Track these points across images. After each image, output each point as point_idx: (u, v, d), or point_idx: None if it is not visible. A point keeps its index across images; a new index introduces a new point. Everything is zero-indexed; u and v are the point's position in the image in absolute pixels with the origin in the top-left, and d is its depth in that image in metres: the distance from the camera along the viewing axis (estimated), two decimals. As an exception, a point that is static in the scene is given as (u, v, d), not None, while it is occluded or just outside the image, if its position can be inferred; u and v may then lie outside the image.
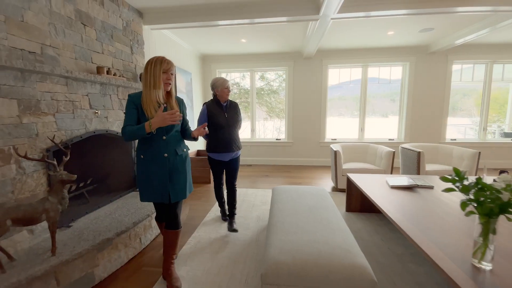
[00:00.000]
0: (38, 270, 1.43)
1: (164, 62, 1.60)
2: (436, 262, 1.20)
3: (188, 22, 3.18)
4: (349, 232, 1.63)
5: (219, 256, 2.06)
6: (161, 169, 1.66)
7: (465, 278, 1.09)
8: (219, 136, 2.36)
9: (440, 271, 1.16)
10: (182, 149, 1.77)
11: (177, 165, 1.72)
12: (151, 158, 1.65)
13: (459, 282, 1.06)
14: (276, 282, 1.28)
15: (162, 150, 1.66)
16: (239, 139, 2.50)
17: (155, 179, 1.66)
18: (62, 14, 2.02)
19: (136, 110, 1.61)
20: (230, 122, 2.40)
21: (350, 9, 2.87)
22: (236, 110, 2.48)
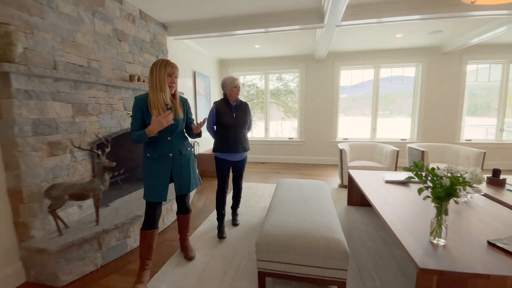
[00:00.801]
0: (87, 234, 1.87)
1: (169, 66, 1.67)
2: (398, 238, 1.45)
3: (208, 33, 3.56)
4: (335, 215, 1.90)
5: (228, 235, 2.41)
6: (164, 169, 1.75)
7: (418, 250, 1.33)
8: (226, 135, 2.35)
9: (400, 245, 1.41)
10: (186, 148, 1.88)
11: (182, 164, 1.83)
12: (157, 157, 1.74)
13: (411, 253, 1.31)
14: (267, 249, 1.60)
15: (167, 150, 1.75)
16: (247, 140, 2.47)
17: (156, 178, 1.74)
18: (103, 33, 2.48)
19: (141, 112, 1.68)
20: (238, 122, 2.35)
21: (352, 17, 3.10)
22: (245, 110, 2.43)
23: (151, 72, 1.66)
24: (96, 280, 1.83)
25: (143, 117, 1.69)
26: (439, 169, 1.32)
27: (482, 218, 1.70)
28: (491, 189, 2.38)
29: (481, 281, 1.15)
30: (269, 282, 1.75)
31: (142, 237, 1.79)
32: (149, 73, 1.69)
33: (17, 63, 1.66)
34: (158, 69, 1.65)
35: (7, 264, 1.74)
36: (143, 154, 1.77)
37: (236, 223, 2.66)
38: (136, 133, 1.63)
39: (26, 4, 1.82)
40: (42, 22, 1.92)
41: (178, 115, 1.78)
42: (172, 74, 1.69)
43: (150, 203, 1.77)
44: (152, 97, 1.66)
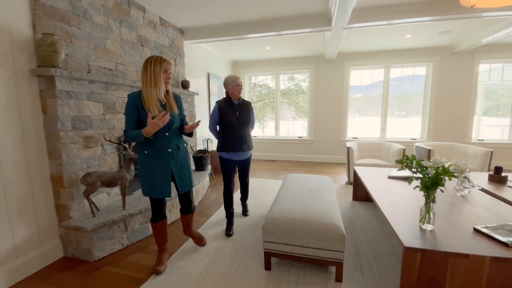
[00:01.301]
0: (115, 217, 2.14)
1: (164, 62, 1.65)
2: (389, 221, 1.61)
3: (222, 36, 3.80)
4: (336, 205, 2.07)
5: (238, 224, 2.63)
6: (164, 165, 1.76)
7: (406, 232, 1.49)
8: (229, 135, 2.34)
9: (389, 227, 1.57)
10: (183, 144, 1.89)
11: (181, 160, 1.84)
12: (156, 154, 1.74)
13: (399, 234, 1.47)
14: (272, 231, 1.80)
15: (165, 145, 1.75)
16: (250, 139, 2.47)
17: (157, 174, 1.75)
18: (128, 40, 2.76)
19: (136, 110, 1.67)
20: (241, 121, 2.36)
21: (359, 20, 3.23)
22: (248, 109, 2.44)
23: (145, 69, 1.63)
24: (123, 257, 2.09)
25: (138, 114, 1.68)
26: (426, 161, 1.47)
27: (475, 210, 1.82)
28: (491, 185, 2.46)
29: (461, 260, 1.30)
30: (274, 263, 1.95)
31: (153, 229, 1.89)
32: (142, 70, 1.66)
33: (60, 68, 1.95)
34: (153, 66, 1.62)
35: (48, 241, 2.04)
36: (138, 151, 1.77)
37: (246, 214, 2.83)
38: (132, 133, 1.62)
39: (66, 16, 2.11)
40: (79, 32, 2.21)
41: (174, 110, 1.79)
42: (168, 70, 1.69)
43: (155, 199, 1.81)
44: (146, 94, 1.64)
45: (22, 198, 1.86)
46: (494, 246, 1.34)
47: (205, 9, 3.12)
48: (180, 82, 3.68)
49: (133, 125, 1.69)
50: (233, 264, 1.95)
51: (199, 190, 3.38)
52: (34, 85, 1.91)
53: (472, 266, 1.29)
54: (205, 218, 2.81)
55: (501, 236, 1.40)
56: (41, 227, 1.98)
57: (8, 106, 1.76)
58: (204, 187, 3.60)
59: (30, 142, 1.90)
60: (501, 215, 1.72)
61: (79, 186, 2.12)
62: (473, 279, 1.30)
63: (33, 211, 1.93)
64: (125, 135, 1.68)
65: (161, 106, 1.73)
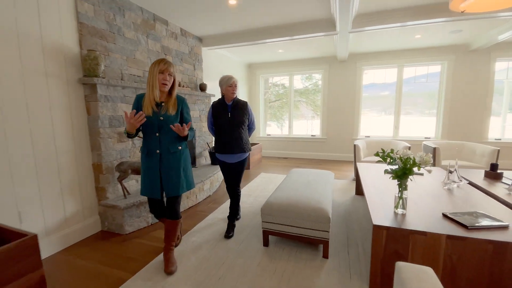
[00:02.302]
0: (142, 199, 2.58)
1: (161, 63, 1.69)
2: (368, 206, 1.86)
3: (237, 43, 4.16)
4: (328, 193, 2.34)
5: (244, 214, 2.97)
6: (153, 165, 1.78)
7: (380, 215, 1.74)
8: (221, 136, 2.33)
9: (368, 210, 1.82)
10: (176, 147, 1.83)
11: (170, 163, 1.80)
12: (147, 154, 1.80)
13: (372, 215, 1.72)
14: (269, 213, 2.12)
15: (154, 147, 1.77)
16: (245, 141, 2.37)
17: (147, 174, 1.79)
18: (154, 50, 3.21)
19: (137, 109, 1.75)
20: (233, 122, 2.28)
21: (362, 25, 3.43)
22: (242, 110, 2.33)
23: (149, 71, 1.71)
24: (148, 232, 2.53)
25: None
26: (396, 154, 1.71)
27: (454, 200, 2.00)
28: (486, 181, 2.58)
29: (420, 237, 1.53)
30: (272, 242, 2.27)
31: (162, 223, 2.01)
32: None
33: (101, 77, 2.41)
34: (152, 67, 1.69)
35: (90, 217, 2.52)
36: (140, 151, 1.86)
37: (229, 235, 2.35)
38: (124, 130, 1.71)
39: (105, 34, 2.58)
40: (114, 46, 2.68)
41: (169, 111, 1.77)
42: (165, 71, 1.70)
43: (149, 198, 1.86)
44: (146, 94, 1.73)
45: (72, 181, 2.35)
46: (454, 227, 1.56)
47: (221, 19, 3.50)
48: (198, 85, 4.10)
49: None
50: (236, 241, 2.30)
51: (214, 182, 3.78)
52: (80, 91, 2.40)
53: (430, 243, 1.52)
54: (217, 205, 3.20)
55: (464, 220, 1.61)
56: (85, 205, 2.47)
57: (63, 108, 2.25)
58: (218, 179, 3.99)
59: (77, 137, 2.39)
60: (476, 205, 1.89)
61: (114, 172, 2.59)
62: (431, 254, 1.53)
63: (79, 191, 2.42)
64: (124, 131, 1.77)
65: (159, 106, 1.77)
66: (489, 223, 1.56)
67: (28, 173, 2.02)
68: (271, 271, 1.87)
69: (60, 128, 2.24)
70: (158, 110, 1.75)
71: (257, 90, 6.70)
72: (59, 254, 2.16)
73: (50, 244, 2.17)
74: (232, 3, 2.94)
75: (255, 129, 2.74)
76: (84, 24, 2.37)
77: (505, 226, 1.55)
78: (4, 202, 1.88)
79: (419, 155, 1.67)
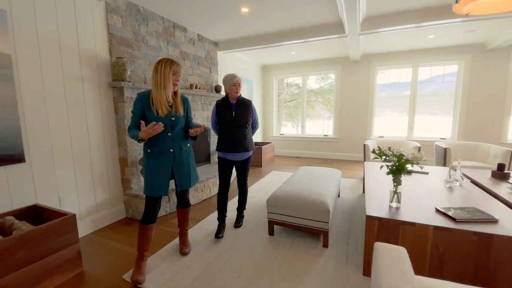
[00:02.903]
0: (161, 191, 2.86)
1: (174, 65, 1.71)
2: (365, 200, 2.00)
3: (251, 46, 4.37)
4: (333, 190, 2.49)
5: (253, 207, 3.18)
6: (165, 164, 1.79)
7: (375, 207, 1.88)
8: (225, 135, 2.32)
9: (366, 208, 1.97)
10: (186, 144, 1.92)
11: (182, 159, 1.88)
12: (158, 153, 1.78)
13: (367, 207, 1.87)
14: (274, 204, 2.32)
15: (168, 145, 1.79)
16: (249, 140, 2.38)
17: (157, 173, 1.78)
18: (173, 55, 3.50)
19: (141, 108, 1.72)
20: (237, 121, 2.29)
21: (370, 27, 3.52)
22: (246, 109, 2.35)
23: (156, 70, 1.70)
24: (166, 220, 2.80)
25: (144, 113, 1.74)
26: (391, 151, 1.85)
27: (452, 197, 2.09)
28: (490, 180, 2.61)
29: (409, 227, 1.66)
30: (277, 231, 2.46)
31: (141, 231, 1.82)
32: (153, 71, 1.72)
33: (127, 81, 2.72)
34: (163, 67, 1.69)
35: (116, 205, 2.84)
36: (143, 150, 1.82)
37: (238, 225, 2.55)
38: (132, 132, 1.69)
39: (131, 43, 2.89)
40: (138, 53, 2.99)
41: (179, 112, 1.83)
42: (177, 73, 1.75)
43: (150, 198, 1.82)
44: (155, 95, 1.71)
45: (102, 173, 2.68)
46: (443, 220, 1.67)
47: (235, 25, 3.73)
48: (214, 87, 4.37)
49: (136, 123, 1.75)
50: (244, 230, 2.51)
51: (227, 178, 4.03)
52: (109, 93, 2.72)
53: (418, 233, 1.64)
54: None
55: (454, 214, 1.72)
56: (112, 194, 2.80)
57: (95, 108, 2.58)
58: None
59: (107, 134, 2.71)
60: (473, 202, 1.97)
61: (138, 166, 2.90)
62: (420, 243, 1.65)
63: (107, 182, 2.74)
64: (128, 132, 1.76)
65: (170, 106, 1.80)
66: (478, 217, 1.65)
67: (67, 165, 2.36)
68: (274, 256, 2.06)
69: (93, 126, 2.57)
70: (170, 111, 1.79)
71: (270, 90, 6.89)
72: (90, 235, 2.49)
73: (83, 227, 2.50)
74: (244, 11, 3.16)
75: (258, 128, 2.84)
76: (113, 34, 2.69)
77: (495, 221, 1.64)
78: (48, 189, 2.22)
79: (411, 152, 1.80)
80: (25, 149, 2.07)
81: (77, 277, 1.88)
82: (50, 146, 2.23)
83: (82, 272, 1.93)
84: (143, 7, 3.02)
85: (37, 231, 1.69)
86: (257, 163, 5.40)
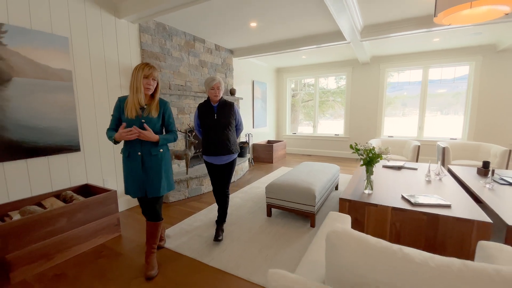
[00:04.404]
0: (182, 178, 3.45)
1: (146, 68, 1.72)
2: (344, 190, 2.39)
3: (263, 53, 4.84)
4: (323, 180, 2.89)
5: (258, 194, 3.66)
6: (135, 167, 1.81)
7: (351, 193, 2.27)
8: (208, 138, 2.31)
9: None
10: (158, 149, 1.85)
11: (152, 165, 1.83)
12: (128, 155, 1.82)
13: (343, 193, 2.26)
14: (272, 191, 2.78)
15: (136, 148, 1.80)
16: (233, 142, 2.35)
17: (129, 176, 1.82)
18: (193, 64, 4.09)
19: (118, 112, 1.81)
20: (220, 124, 2.27)
21: (370, 35, 3.82)
22: (229, 111, 2.33)
23: (132, 75, 1.74)
24: (185, 202, 3.38)
25: (120, 114, 1.82)
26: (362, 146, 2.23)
27: (425, 188, 2.40)
28: (472, 176, 2.84)
29: (372, 208, 2.04)
30: (274, 214, 2.92)
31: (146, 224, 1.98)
32: (131, 75, 1.78)
33: (155, 87, 3.33)
34: (137, 72, 1.72)
35: (146, 189, 3.48)
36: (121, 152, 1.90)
37: (218, 239, 2.32)
38: (109, 134, 1.80)
39: (158, 56, 3.50)
40: (164, 64, 3.60)
41: (151, 114, 1.81)
42: (149, 76, 1.74)
43: (137, 197, 1.90)
44: (129, 98, 1.76)
45: (135, 162, 3.32)
46: (402, 203, 2.03)
47: (247, 36, 4.22)
48: (229, 90, 4.90)
49: (114, 125, 1.85)
50: (247, 212, 3.00)
51: (238, 170, 4.54)
52: (141, 98, 3.35)
53: (380, 212, 2.02)
54: (239, 188, 3.94)
55: (414, 199, 2.06)
56: (143, 180, 3.44)
57: (130, 110, 3.22)
58: (243, 169, 4.75)
59: (139, 130, 3.35)
60: (441, 193, 2.28)
61: (162, 158, 3.52)
62: (381, 221, 2.03)
63: (139, 170, 3.38)
64: (106, 132, 1.85)
65: (141, 109, 1.81)
66: (433, 202, 1.99)
67: (109, 154, 3.01)
68: (267, 231, 2.53)
69: (128, 124, 3.21)
70: (141, 113, 1.80)
71: (284, 91, 7.30)
72: (125, 211, 3.13)
73: (120, 205, 3.15)
74: (253, 25, 3.64)
75: (243, 129, 2.69)
76: (145, 50, 3.32)
77: (448, 205, 1.97)
78: (95, 172, 2.89)
79: (378, 147, 2.16)
80: (80, 141, 2.74)
81: (116, 238, 2.49)
82: (97, 139, 2.89)
83: (120, 235, 2.54)
84: (168, 25, 3.63)
85: (89, 201, 2.32)
86: (268, 160, 5.86)
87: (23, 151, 2.31)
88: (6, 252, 1.83)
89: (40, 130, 2.41)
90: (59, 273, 1.97)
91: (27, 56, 2.30)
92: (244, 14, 3.27)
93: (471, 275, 0.64)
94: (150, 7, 2.73)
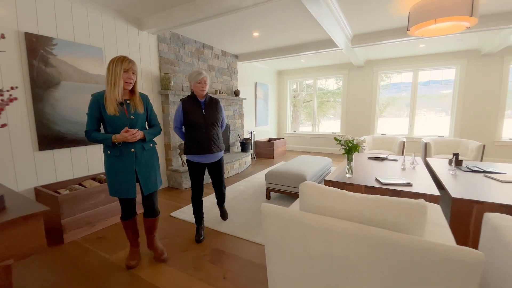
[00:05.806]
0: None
1: (125, 62, 1.62)
2: (330, 174, 2.89)
3: (266, 58, 5.35)
4: (315, 168, 3.38)
5: (261, 182, 4.17)
6: (128, 165, 1.72)
7: (333, 177, 2.75)
8: (195, 135, 2.19)
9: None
10: (148, 144, 1.83)
11: (146, 160, 1.79)
12: (119, 154, 1.70)
13: (328, 176, 2.75)
14: (271, 177, 3.28)
15: (129, 145, 1.71)
16: (221, 139, 2.34)
17: (120, 175, 1.72)
18: (202, 68, 4.61)
19: (98, 109, 1.66)
20: (209, 120, 2.20)
21: (361, 42, 4.31)
22: (216, 107, 2.28)
23: (108, 68, 1.64)
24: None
25: (101, 114, 1.69)
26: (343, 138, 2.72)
27: (398, 174, 2.88)
28: (444, 166, 3.31)
29: (350, 186, 2.53)
30: (274, 197, 3.42)
31: (124, 226, 1.90)
32: (106, 70, 1.65)
33: (171, 90, 3.87)
34: (114, 65, 1.62)
35: (162, 177, 4.00)
36: (103, 152, 1.75)
37: (226, 218, 2.64)
38: (99, 136, 1.66)
39: (173, 62, 4.04)
40: (178, 69, 4.13)
41: (138, 110, 1.77)
42: (129, 70, 1.66)
43: (121, 199, 1.81)
44: (107, 93, 1.64)
45: (153, 153, 3.85)
46: (374, 183, 2.51)
47: (251, 44, 4.74)
48: (234, 92, 5.42)
49: (96, 125, 1.71)
50: (250, 196, 3.51)
51: (242, 164, 5.05)
52: (159, 98, 3.88)
53: (355, 190, 2.50)
54: (242, 178, 4.45)
55: (384, 180, 2.54)
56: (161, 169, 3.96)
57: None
58: (246, 163, 5.26)
59: (157, 126, 3.88)
60: (409, 177, 2.75)
61: (177, 149, 4.04)
62: (357, 197, 2.51)
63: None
64: (86, 135, 1.68)
65: (126, 105, 1.73)
66: (399, 182, 2.47)
67: (133, 146, 3.54)
68: (266, 209, 3.03)
69: (148, 121, 3.74)
70: (123, 109, 1.71)
71: (285, 92, 7.80)
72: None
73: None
74: (255, 35, 4.16)
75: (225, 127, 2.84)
76: (162, 57, 3.85)
77: (410, 185, 2.45)
78: (122, 161, 3.42)
79: (356, 139, 2.65)
80: (111, 134, 3.27)
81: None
82: (124, 133, 3.42)
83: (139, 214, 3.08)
84: (182, 35, 4.16)
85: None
86: (269, 155, 6.36)
87: (67, 141, 2.86)
88: (61, 218, 2.37)
89: (81, 124, 2.96)
90: (101, 236, 2.51)
91: (72, 64, 2.85)
92: (247, 25, 3.78)
93: (383, 202, 1.14)
94: (169, 23, 3.26)
